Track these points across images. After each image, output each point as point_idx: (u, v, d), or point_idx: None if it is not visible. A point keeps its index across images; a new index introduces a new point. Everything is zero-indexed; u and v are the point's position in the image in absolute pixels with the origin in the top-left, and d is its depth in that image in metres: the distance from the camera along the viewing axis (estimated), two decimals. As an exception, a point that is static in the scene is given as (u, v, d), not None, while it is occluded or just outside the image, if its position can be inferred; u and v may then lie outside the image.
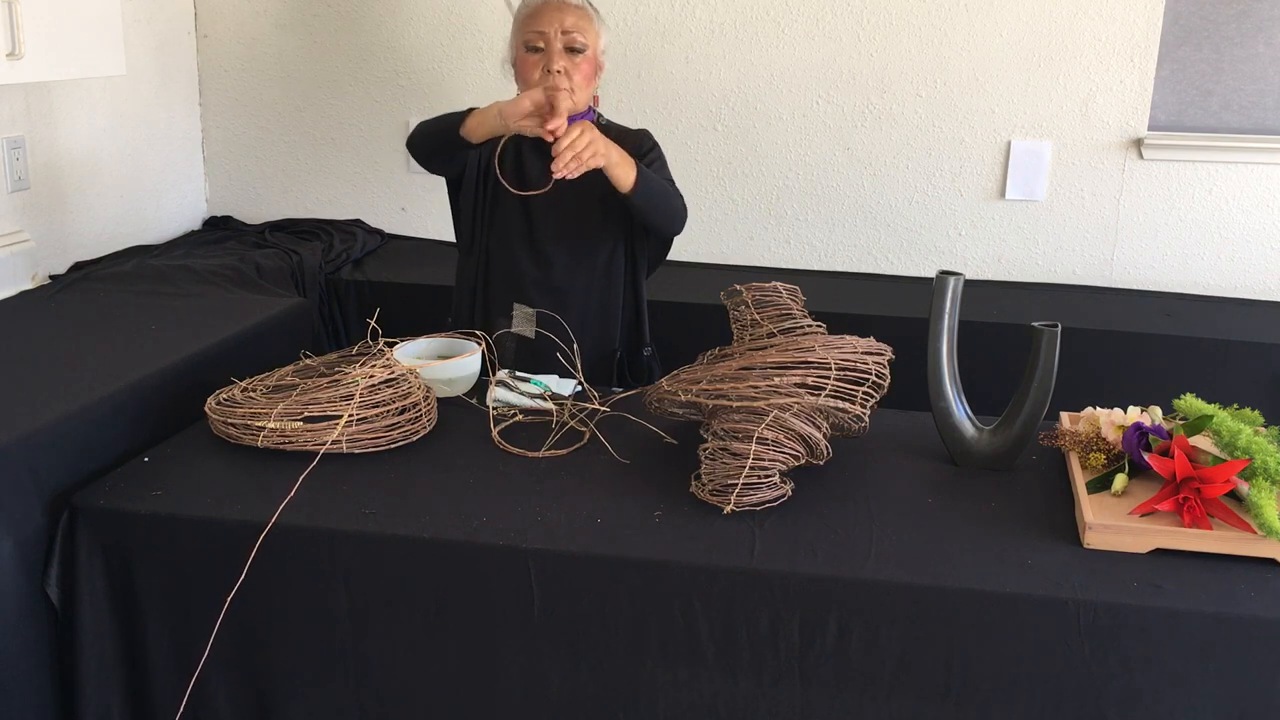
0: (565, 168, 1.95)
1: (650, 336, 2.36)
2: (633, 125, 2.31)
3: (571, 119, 2.17)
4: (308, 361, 1.97)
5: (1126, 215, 3.08)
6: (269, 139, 3.42)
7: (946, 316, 1.74)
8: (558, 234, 2.22)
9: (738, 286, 1.85)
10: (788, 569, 1.46)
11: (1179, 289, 3.08)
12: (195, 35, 3.34)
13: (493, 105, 2.04)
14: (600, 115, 2.25)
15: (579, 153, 1.94)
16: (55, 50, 2.30)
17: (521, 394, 1.98)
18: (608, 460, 1.77)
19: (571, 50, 2.13)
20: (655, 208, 2.12)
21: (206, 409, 1.83)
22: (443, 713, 1.59)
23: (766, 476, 1.59)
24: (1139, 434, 1.66)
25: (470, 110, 2.08)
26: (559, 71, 2.11)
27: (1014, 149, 3.07)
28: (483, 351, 2.03)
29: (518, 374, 2.04)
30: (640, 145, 2.22)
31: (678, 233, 2.21)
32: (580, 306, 2.23)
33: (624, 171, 2.03)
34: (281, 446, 1.73)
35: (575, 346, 2.06)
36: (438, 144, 2.14)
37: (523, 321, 2.20)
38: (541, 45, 2.13)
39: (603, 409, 1.94)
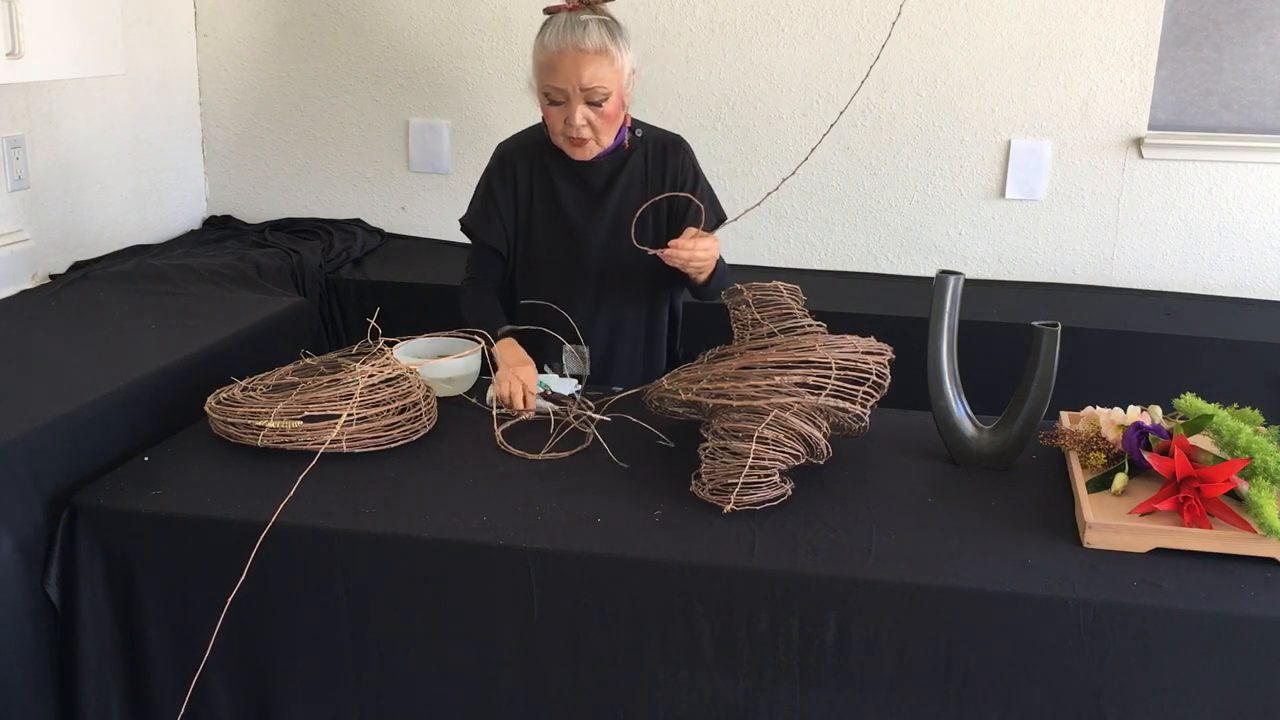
0: (673, 259, 1.99)
1: (680, 343, 2.35)
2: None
3: (605, 152, 2.13)
4: (308, 361, 1.97)
5: (1126, 215, 3.08)
6: (269, 139, 3.41)
7: (946, 316, 1.74)
8: (608, 272, 2.19)
9: (738, 286, 1.84)
10: (788, 569, 1.46)
11: (1179, 289, 3.08)
12: (195, 35, 3.34)
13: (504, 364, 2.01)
14: (635, 125, 2.18)
15: (688, 262, 1.99)
16: (55, 50, 2.29)
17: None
18: (608, 460, 1.77)
19: (593, 103, 2.04)
20: (708, 293, 2.17)
21: (206, 408, 1.83)
22: (443, 712, 1.59)
23: (766, 476, 1.59)
24: (1139, 433, 1.66)
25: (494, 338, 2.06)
26: (582, 125, 2.04)
27: (1014, 148, 3.07)
28: (483, 350, 2.03)
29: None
30: (683, 172, 2.18)
31: None
32: (631, 337, 2.23)
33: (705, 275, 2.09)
34: (281, 446, 1.73)
35: (587, 350, 2.08)
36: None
37: (577, 362, 2.18)
38: (561, 100, 2.04)
39: (602, 413, 1.94)
